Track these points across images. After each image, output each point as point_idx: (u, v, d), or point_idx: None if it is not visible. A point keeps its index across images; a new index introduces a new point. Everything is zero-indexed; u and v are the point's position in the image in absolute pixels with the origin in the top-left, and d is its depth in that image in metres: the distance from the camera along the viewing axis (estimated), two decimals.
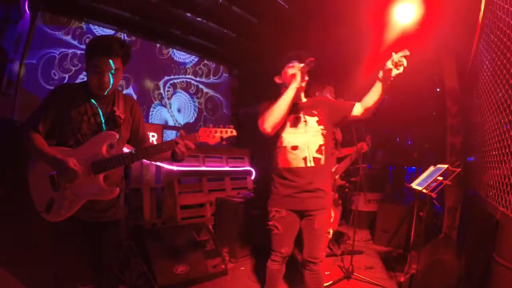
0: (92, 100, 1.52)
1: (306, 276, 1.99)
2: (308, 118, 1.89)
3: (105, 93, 1.52)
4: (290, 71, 1.85)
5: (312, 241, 1.90)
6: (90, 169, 1.46)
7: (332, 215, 2.00)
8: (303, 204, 1.84)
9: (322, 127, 1.88)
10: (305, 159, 1.83)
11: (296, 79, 1.75)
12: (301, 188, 1.82)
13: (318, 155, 1.86)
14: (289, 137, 1.86)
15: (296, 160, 1.83)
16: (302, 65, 1.75)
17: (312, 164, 1.83)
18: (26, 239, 2.14)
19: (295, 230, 1.91)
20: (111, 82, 1.48)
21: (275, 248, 1.93)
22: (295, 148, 1.84)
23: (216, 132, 1.52)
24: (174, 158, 1.56)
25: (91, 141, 1.48)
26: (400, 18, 3.08)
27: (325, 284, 2.63)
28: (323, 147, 1.87)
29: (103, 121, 1.52)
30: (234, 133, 1.55)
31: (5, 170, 2.28)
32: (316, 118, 1.89)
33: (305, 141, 1.84)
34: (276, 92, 1.95)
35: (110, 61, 1.42)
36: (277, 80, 1.96)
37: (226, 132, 1.54)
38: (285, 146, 1.86)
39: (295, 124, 1.86)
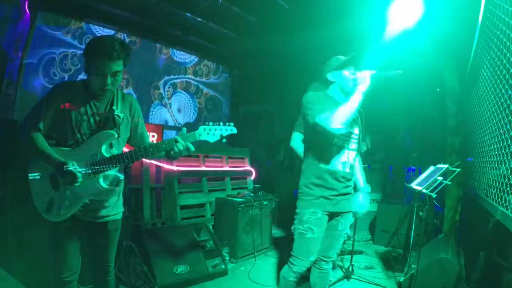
0: (92, 100, 1.52)
1: (314, 274, 1.97)
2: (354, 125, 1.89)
3: (107, 94, 1.52)
4: (351, 74, 1.80)
5: (330, 241, 1.90)
6: (89, 169, 1.46)
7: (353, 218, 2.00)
8: (338, 205, 1.84)
9: (358, 137, 1.92)
10: (343, 163, 1.84)
11: (366, 85, 1.69)
12: (338, 192, 1.82)
13: (352, 163, 1.88)
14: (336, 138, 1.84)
15: (337, 163, 1.82)
16: (374, 71, 1.71)
17: (348, 170, 1.85)
18: (26, 239, 2.14)
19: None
20: (113, 84, 1.48)
21: (303, 256, 1.81)
22: (339, 150, 1.83)
23: (215, 129, 1.52)
24: (170, 157, 1.55)
25: (91, 141, 1.48)
26: (401, 18, 3.08)
27: None
28: (356, 156, 1.92)
29: (102, 121, 1.52)
30: (234, 130, 1.55)
31: (5, 170, 2.28)
32: (358, 128, 1.91)
33: (347, 146, 1.86)
34: (275, 90, 1.94)
35: (112, 63, 1.41)
36: (331, 77, 1.90)
37: (226, 129, 1.53)
38: (332, 147, 1.82)
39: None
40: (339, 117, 1.64)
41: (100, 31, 3.95)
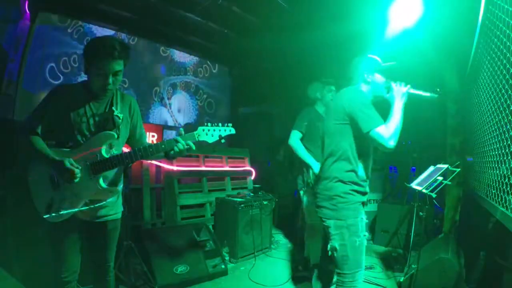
0: (91, 101, 1.52)
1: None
2: None
3: (108, 94, 1.52)
4: (386, 82, 1.74)
5: None
6: (89, 169, 1.47)
7: None
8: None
9: None
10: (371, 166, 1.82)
11: (403, 100, 1.65)
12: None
13: None
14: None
15: (369, 168, 1.79)
16: (410, 89, 1.69)
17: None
18: (26, 239, 2.14)
19: None
20: (114, 83, 1.48)
21: (363, 265, 1.64)
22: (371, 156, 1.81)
23: (214, 130, 1.52)
24: (170, 157, 1.56)
25: (90, 142, 1.49)
26: (401, 18, 3.09)
27: None
28: None
29: (101, 122, 1.52)
30: (233, 131, 1.55)
31: (5, 170, 2.28)
32: None
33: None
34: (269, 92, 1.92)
35: (113, 63, 1.42)
36: (367, 77, 1.77)
37: (225, 130, 1.53)
38: (370, 154, 1.75)
39: None
40: (395, 135, 1.55)
41: (100, 31, 3.95)
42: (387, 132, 1.54)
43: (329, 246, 1.67)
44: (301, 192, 2.93)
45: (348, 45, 3.68)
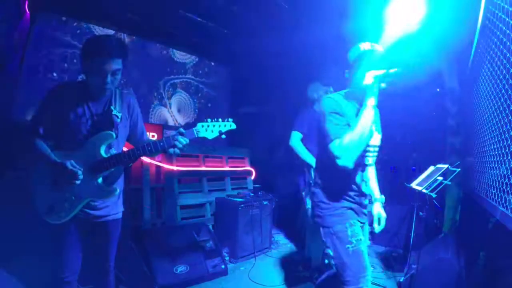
0: (90, 101, 1.51)
1: None
2: None
3: (107, 94, 1.51)
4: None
5: None
6: (89, 170, 1.46)
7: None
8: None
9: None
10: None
11: (374, 94, 1.35)
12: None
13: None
14: None
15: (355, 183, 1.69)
16: (375, 72, 1.35)
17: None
18: (26, 239, 2.14)
19: None
20: (113, 83, 1.47)
21: (367, 271, 1.48)
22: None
23: (214, 125, 1.48)
24: (169, 154, 1.54)
25: (89, 142, 1.48)
26: (401, 17, 3.08)
27: None
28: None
29: (100, 122, 1.52)
30: (233, 126, 1.50)
31: (5, 171, 2.28)
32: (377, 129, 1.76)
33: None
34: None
35: (111, 62, 1.41)
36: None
37: (225, 125, 1.49)
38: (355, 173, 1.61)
39: None
40: (346, 150, 1.30)
41: (100, 31, 3.95)
42: (338, 147, 1.32)
43: (324, 254, 1.60)
44: (303, 193, 2.94)
45: (348, 45, 3.68)
